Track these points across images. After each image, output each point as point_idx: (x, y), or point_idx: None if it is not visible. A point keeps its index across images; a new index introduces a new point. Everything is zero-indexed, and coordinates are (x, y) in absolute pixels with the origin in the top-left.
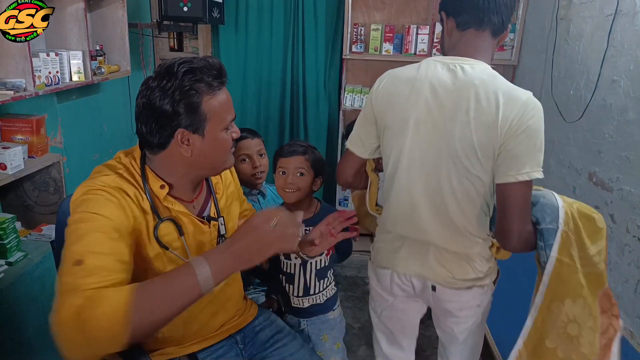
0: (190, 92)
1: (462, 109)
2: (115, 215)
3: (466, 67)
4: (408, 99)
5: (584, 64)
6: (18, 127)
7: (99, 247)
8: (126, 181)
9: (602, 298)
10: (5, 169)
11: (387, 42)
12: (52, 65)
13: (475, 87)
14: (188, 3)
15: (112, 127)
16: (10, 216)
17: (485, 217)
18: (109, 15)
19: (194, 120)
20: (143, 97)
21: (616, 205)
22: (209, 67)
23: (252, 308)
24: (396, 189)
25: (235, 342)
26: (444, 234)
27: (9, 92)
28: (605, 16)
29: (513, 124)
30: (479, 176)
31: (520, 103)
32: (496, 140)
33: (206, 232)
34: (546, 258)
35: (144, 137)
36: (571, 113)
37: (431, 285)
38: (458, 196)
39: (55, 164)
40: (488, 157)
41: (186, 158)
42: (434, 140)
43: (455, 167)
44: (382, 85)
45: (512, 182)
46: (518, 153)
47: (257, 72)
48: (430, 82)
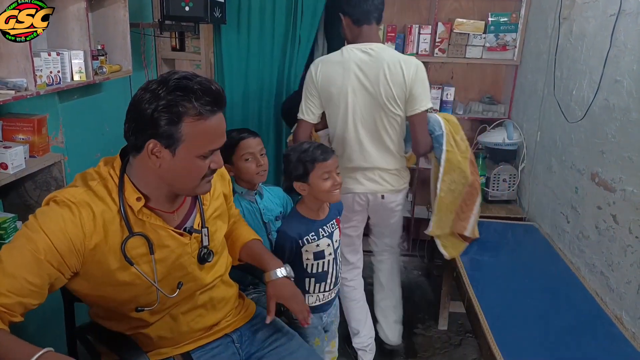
0: (174, 109)
1: (381, 75)
2: (62, 233)
3: (374, 48)
4: (343, 75)
5: (586, 64)
6: (19, 127)
7: (16, 268)
8: (95, 195)
9: (470, 163)
10: (7, 169)
11: (389, 42)
12: (54, 64)
13: (386, 60)
14: (190, 3)
15: (113, 126)
16: (11, 215)
17: (403, 141)
18: (111, 14)
19: (169, 136)
20: (136, 95)
21: (619, 206)
22: (204, 91)
23: (249, 308)
24: (348, 136)
25: (232, 341)
26: (383, 158)
27: (10, 92)
28: (608, 16)
29: (412, 78)
30: (399, 114)
31: (413, 65)
32: (405, 90)
33: (186, 245)
34: (441, 152)
35: (125, 135)
36: (574, 113)
37: (381, 195)
38: (388, 131)
39: (56, 163)
40: (402, 101)
41: (155, 169)
42: (367, 99)
43: (384, 112)
44: (319, 70)
45: (417, 113)
46: (417, 95)
47: (259, 72)
48: (354, 62)
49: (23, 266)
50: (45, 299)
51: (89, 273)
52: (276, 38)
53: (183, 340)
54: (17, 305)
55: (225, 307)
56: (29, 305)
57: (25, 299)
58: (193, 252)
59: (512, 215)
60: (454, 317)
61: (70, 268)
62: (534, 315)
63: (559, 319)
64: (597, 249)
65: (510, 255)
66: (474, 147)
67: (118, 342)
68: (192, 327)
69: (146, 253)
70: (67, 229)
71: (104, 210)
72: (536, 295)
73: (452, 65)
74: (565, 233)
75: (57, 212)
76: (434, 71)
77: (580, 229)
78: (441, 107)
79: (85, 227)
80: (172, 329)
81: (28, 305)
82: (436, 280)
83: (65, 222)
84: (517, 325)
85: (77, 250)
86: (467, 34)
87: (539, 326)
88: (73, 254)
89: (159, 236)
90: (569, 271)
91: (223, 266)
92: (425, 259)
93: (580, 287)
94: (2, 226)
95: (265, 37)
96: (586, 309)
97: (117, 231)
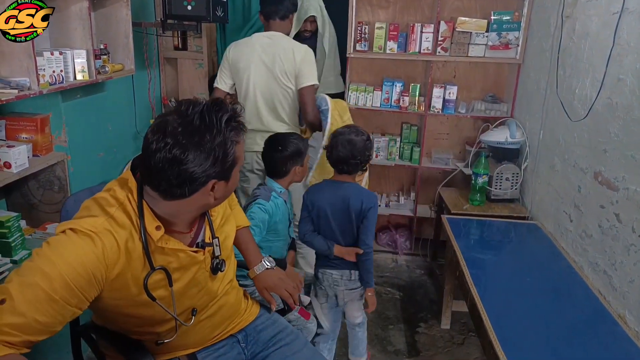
0: (230, 145)
1: (277, 55)
2: (82, 267)
3: (275, 35)
4: (249, 54)
5: (589, 62)
6: (22, 126)
7: (27, 307)
8: (117, 223)
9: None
10: (10, 168)
11: (392, 41)
12: (56, 64)
13: (282, 44)
14: (192, 2)
15: (116, 125)
16: (15, 214)
17: (296, 112)
18: (113, 14)
19: (225, 169)
20: (168, 152)
21: (622, 205)
22: (231, 112)
23: (253, 307)
24: (248, 103)
25: (237, 341)
26: (276, 124)
27: (13, 91)
28: (611, 14)
29: (301, 59)
30: (290, 87)
31: (303, 50)
32: (295, 67)
33: (201, 261)
34: (325, 124)
35: (162, 191)
36: (576, 112)
37: None
38: (281, 100)
39: (59, 162)
40: (292, 76)
41: (205, 203)
42: (265, 73)
43: (277, 84)
44: (231, 50)
45: (304, 86)
46: (305, 72)
47: None
48: (259, 44)
49: (35, 306)
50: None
51: (108, 297)
52: None
53: (191, 345)
54: (22, 342)
55: (234, 311)
56: (36, 341)
57: (32, 337)
58: (207, 266)
59: (514, 214)
60: (457, 316)
61: (89, 299)
62: (537, 314)
63: (561, 318)
64: (600, 247)
65: (513, 254)
66: (477, 146)
67: (123, 342)
68: (202, 335)
69: (164, 285)
70: (88, 261)
71: (127, 238)
72: (539, 294)
73: (454, 64)
74: (568, 232)
75: (76, 244)
76: (436, 70)
77: (583, 227)
78: (444, 106)
79: (108, 258)
80: (181, 337)
81: (35, 341)
82: (439, 279)
83: (86, 254)
84: (520, 324)
85: (97, 282)
86: (469, 33)
87: (541, 325)
88: (93, 286)
89: (178, 259)
90: (571, 270)
91: (231, 270)
92: (428, 257)
93: (583, 286)
94: (6, 225)
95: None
96: (589, 308)
97: (139, 261)
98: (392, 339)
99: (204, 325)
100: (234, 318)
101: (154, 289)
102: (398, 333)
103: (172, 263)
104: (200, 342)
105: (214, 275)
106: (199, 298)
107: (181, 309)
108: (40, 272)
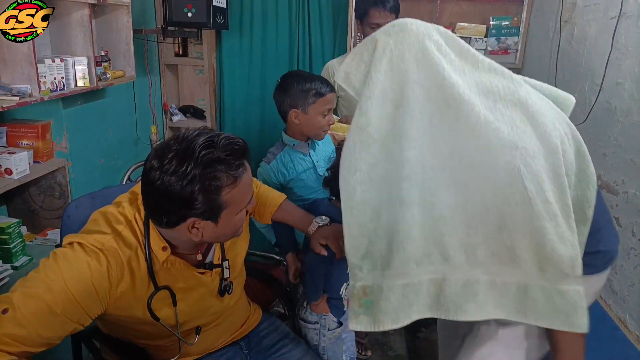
0: (211, 186)
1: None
2: (86, 283)
3: None
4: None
5: (588, 66)
6: (24, 133)
7: (29, 319)
8: (123, 242)
9: None
10: (11, 174)
11: None
12: (57, 71)
13: None
14: (192, 9)
15: (117, 132)
16: (16, 221)
17: None
18: (114, 21)
19: (210, 210)
20: (157, 178)
21: (621, 209)
22: (232, 155)
23: (256, 313)
24: None
25: (240, 348)
26: None
27: (15, 98)
28: (609, 19)
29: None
30: None
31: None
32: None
33: (208, 283)
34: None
35: (151, 213)
36: (575, 116)
37: None
38: None
39: (60, 169)
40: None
41: (195, 240)
42: None
43: None
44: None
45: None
46: None
47: (262, 77)
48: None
49: (37, 318)
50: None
51: (111, 314)
52: (279, 43)
53: (195, 353)
54: (21, 353)
55: (240, 320)
56: (34, 352)
57: (31, 349)
58: (215, 288)
59: None
60: None
61: (91, 316)
62: None
63: None
64: None
65: None
66: None
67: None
68: (208, 343)
69: (168, 305)
70: (93, 278)
71: (132, 257)
72: None
73: None
74: None
75: (82, 259)
76: None
77: None
78: None
79: (113, 276)
80: (186, 347)
81: (33, 353)
82: None
83: (92, 271)
84: None
85: (101, 300)
86: (468, 38)
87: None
88: (96, 304)
89: (184, 278)
90: None
91: (239, 288)
92: None
93: None
94: (7, 231)
95: (268, 42)
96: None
97: (144, 280)
98: (393, 344)
99: (210, 334)
100: (239, 325)
101: (157, 309)
102: (399, 338)
103: (178, 283)
104: (205, 349)
105: (222, 297)
106: (205, 318)
107: (184, 328)
108: (44, 284)
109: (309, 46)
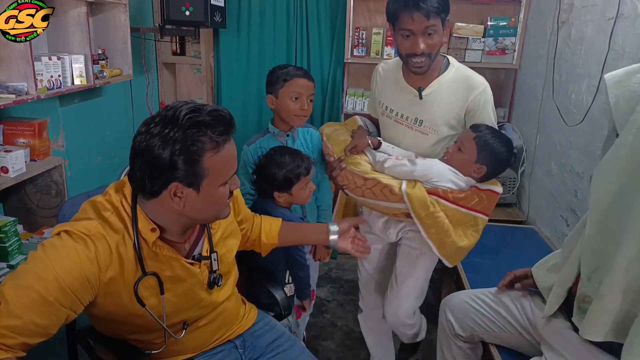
0: (192, 147)
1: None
2: (76, 270)
3: None
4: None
5: (585, 67)
6: (20, 131)
7: (23, 310)
8: (111, 228)
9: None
10: (7, 172)
11: (389, 46)
12: (54, 69)
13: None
14: (190, 7)
15: (114, 130)
16: (12, 219)
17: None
18: (111, 19)
19: (191, 175)
20: (142, 140)
21: None
22: (216, 121)
23: (251, 312)
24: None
25: (235, 346)
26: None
27: (11, 96)
28: (606, 20)
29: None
30: None
31: None
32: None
33: (197, 274)
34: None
35: (136, 181)
36: (572, 117)
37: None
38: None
39: (57, 167)
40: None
41: (179, 209)
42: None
43: None
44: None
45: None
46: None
47: (259, 76)
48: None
49: (30, 308)
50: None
51: (101, 302)
52: (277, 42)
53: (190, 350)
54: (19, 345)
55: (233, 317)
56: (32, 344)
57: (29, 339)
58: (204, 280)
59: (512, 219)
60: None
61: (83, 303)
62: None
63: None
64: None
65: (510, 258)
66: None
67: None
68: (201, 340)
69: (156, 294)
70: (82, 264)
71: (120, 243)
72: None
73: None
74: (565, 236)
75: (70, 247)
76: None
77: None
78: None
79: (101, 261)
80: (178, 344)
81: (32, 344)
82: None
83: (80, 258)
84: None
85: (91, 286)
86: (466, 38)
87: None
88: (87, 290)
89: (172, 268)
90: None
91: (231, 285)
92: None
93: None
94: (3, 229)
95: (266, 41)
96: None
97: (131, 266)
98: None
99: (203, 331)
100: (233, 323)
101: (145, 297)
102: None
103: (165, 271)
104: (199, 347)
105: (211, 290)
106: (193, 312)
107: (172, 320)
108: (34, 274)
109: (307, 45)
